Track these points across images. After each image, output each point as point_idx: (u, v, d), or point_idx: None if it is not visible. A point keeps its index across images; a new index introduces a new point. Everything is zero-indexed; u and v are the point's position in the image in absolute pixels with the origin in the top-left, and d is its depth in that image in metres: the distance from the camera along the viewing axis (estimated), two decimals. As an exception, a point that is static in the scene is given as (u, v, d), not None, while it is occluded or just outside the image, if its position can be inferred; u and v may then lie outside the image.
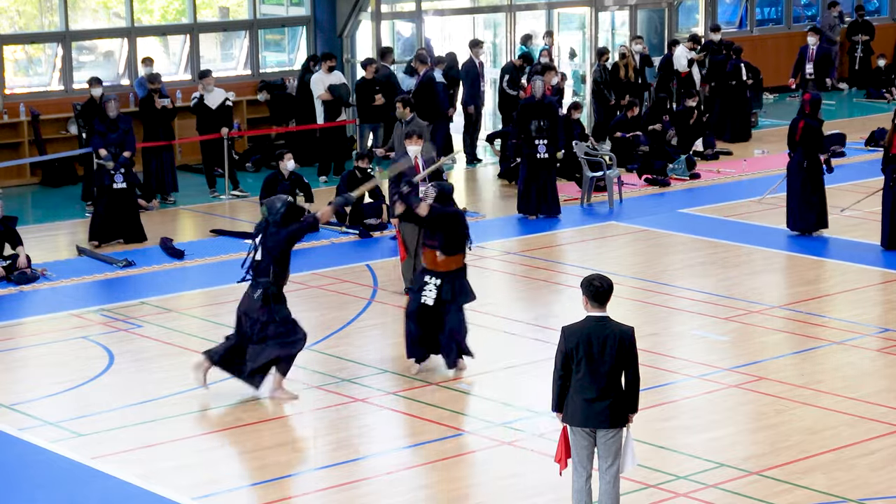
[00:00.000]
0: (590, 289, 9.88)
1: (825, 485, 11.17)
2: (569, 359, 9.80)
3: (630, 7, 28.64)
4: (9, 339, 15.42)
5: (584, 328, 9.83)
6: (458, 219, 14.01)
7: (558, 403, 9.91)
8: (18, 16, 24.69)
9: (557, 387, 9.87)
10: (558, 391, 9.88)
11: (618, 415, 9.84)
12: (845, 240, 19.15)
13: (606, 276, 10.00)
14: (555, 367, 9.89)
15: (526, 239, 19.65)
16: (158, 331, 15.39)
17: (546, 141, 20.46)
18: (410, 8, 26.47)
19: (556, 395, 9.90)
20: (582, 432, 9.87)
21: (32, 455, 12.03)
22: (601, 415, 9.82)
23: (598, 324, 9.83)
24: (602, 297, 9.86)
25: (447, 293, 13.80)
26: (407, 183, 14.41)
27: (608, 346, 9.78)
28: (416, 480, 11.53)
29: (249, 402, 13.24)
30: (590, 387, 9.78)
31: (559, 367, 9.85)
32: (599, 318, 9.86)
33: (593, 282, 9.90)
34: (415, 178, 14.95)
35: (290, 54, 26.67)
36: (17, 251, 17.61)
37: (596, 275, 10.00)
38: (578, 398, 9.81)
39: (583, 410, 9.80)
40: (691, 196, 22.21)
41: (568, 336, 9.83)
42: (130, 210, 19.44)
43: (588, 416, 9.82)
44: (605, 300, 9.89)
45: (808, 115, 19.13)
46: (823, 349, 14.72)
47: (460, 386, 13.61)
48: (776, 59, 30.62)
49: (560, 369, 9.84)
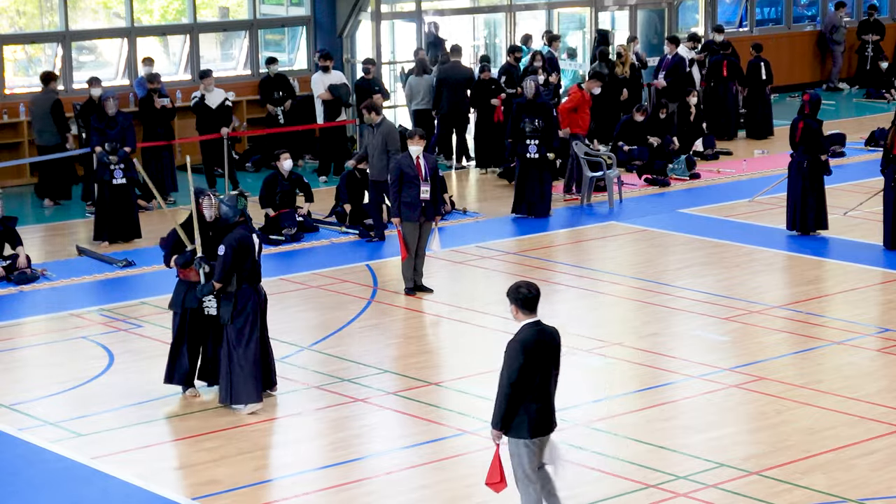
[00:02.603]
0: (518, 296, 9.72)
1: (825, 485, 11.17)
2: (525, 371, 9.59)
3: (630, 7, 28.64)
4: (9, 339, 15.42)
5: (533, 337, 9.68)
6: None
7: (504, 420, 9.65)
8: (18, 16, 24.68)
9: (507, 403, 9.60)
10: (507, 407, 9.61)
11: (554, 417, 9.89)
12: (845, 240, 19.15)
13: (531, 282, 9.87)
14: (506, 382, 9.59)
15: (525, 239, 19.66)
16: (158, 331, 15.39)
17: (537, 141, 20.44)
18: (410, 8, 26.48)
19: (504, 412, 9.63)
20: (538, 442, 9.77)
21: (32, 455, 12.03)
22: (552, 418, 9.84)
23: (539, 329, 9.74)
24: (532, 303, 9.73)
25: None
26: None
27: (553, 350, 9.77)
28: (416, 480, 11.53)
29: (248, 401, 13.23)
30: (544, 393, 9.73)
31: (514, 381, 9.57)
32: (537, 323, 9.76)
33: (520, 289, 9.74)
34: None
35: (290, 54, 26.66)
36: (17, 251, 17.61)
37: (523, 282, 9.85)
38: (535, 408, 9.68)
39: (542, 419, 9.73)
40: (691, 196, 22.21)
41: (526, 347, 9.61)
42: (128, 207, 19.44)
43: (547, 424, 9.78)
44: (535, 306, 9.74)
45: (807, 115, 19.14)
46: (823, 349, 14.72)
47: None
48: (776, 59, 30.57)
49: (516, 384, 9.58)
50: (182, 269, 13.23)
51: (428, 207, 16.51)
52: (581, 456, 11.83)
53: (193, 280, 13.15)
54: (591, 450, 11.98)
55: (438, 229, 16.96)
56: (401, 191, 16.43)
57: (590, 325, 15.67)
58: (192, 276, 13.17)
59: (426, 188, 16.40)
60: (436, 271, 17.99)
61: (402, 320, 15.99)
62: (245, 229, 12.87)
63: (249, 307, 12.82)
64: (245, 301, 12.81)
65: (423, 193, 16.41)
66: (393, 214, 16.67)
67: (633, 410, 12.98)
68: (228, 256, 12.65)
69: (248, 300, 12.82)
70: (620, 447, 12.07)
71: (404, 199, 16.44)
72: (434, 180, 16.53)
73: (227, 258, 12.65)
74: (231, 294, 12.81)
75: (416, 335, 15.58)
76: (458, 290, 17.13)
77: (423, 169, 16.39)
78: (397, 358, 14.54)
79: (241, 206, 12.92)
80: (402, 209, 16.45)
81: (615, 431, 12.43)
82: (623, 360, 14.41)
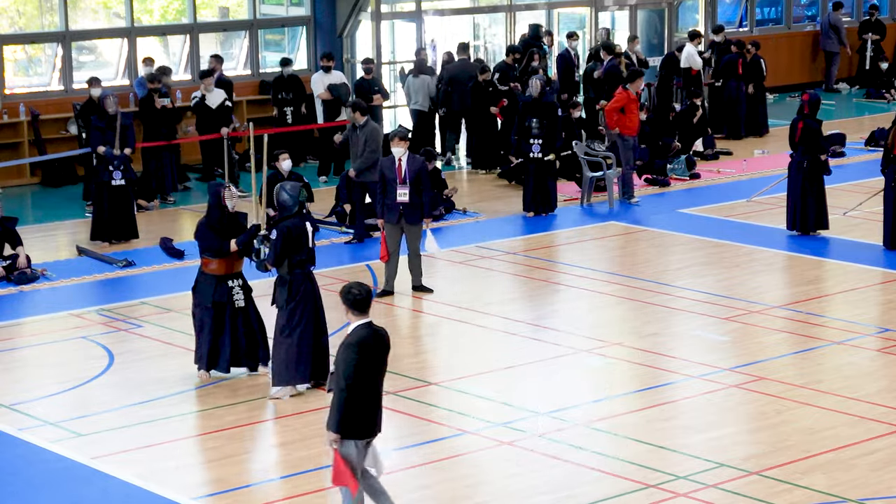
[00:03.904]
0: (349, 297, 9.74)
1: (825, 485, 11.17)
2: (359, 371, 9.60)
3: (630, 7, 28.64)
4: (9, 339, 15.42)
5: (366, 337, 9.70)
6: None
7: (342, 423, 9.61)
8: (18, 16, 24.69)
9: (345, 405, 9.57)
10: (344, 409, 9.58)
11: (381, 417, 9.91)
12: (845, 240, 19.15)
13: (362, 283, 9.90)
14: (342, 383, 9.57)
15: (526, 239, 19.66)
16: (158, 331, 15.39)
17: (541, 141, 20.46)
18: (410, 8, 26.48)
19: (342, 414, 9.59)
20: (364, 444, 9.80)
21: (32, 455, 12.03)
22: (380, 419, 9.88)
23: (371, 330, 9.77)
24: (362, 304, 9.74)
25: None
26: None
27: (384, 351, 9.83)
28: (416, 480, 11.53)
29: (249, 402, 13.25)
30: (376, 394, 9.78)
31: (351, 382, 9.56)
32: (368, 324, 9.79)
33: (352, 290, 9.76)
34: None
35: (290, 54, 26.65)
36: (17, 251, 17.61)
37: (354, 283, 9.88)
38: (368, 408, 9.73)
39: (373, 419, 9.78)
40: (691, 196, 22.21)
41: (358, 348, 9.62)
42: (127, 207, 19.44)
43: (376, 424, 9.83)
44: (367, 307, 9.76)
45: (806, 115, 19.14)
46: (823, 349, 14.72)
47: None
48: (776, 58, 30.61)
49: (352, 385, 9.57)
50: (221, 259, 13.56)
51: (408, 210, 16.29)
52: (581, 456, 11.84)
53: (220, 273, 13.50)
54: (591, 450, 11.98)
55: (431, 231, 16.78)
56: (384, 193, 16.39)
57: (590, 325, 15.67)
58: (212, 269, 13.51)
59: (404, 191, 16.20)
60: (436, 271, 18.00)
61: (402, 320, 15.99)
62: (300, 219, 13.24)
63: (301, 294, 13.19)
64: (297, 287, 13.21)
65: (401, 196, 16.23)
66: (378, 216, 16.66)
67: (633, 410, 12.97)
68: (279, 241, 13.09)
69: (300, 287, 13.21)
70: (620, 447, 12.07)
71: (386, 201, 16.40)
72: (418, 183, 16.27)
73: (277, 243, 13.10)
74: (286, 280, 13.21)
75: (416, 335, 15.58)
76: (458, 290, 17.13)
77: (403, 172, 16.25)
78: (397, 358, 14.53)
79: (303, 197, 13.38)
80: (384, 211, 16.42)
81: (615, 431, 12.43)
82: (623, 360, 14.41)
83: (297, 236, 13.16)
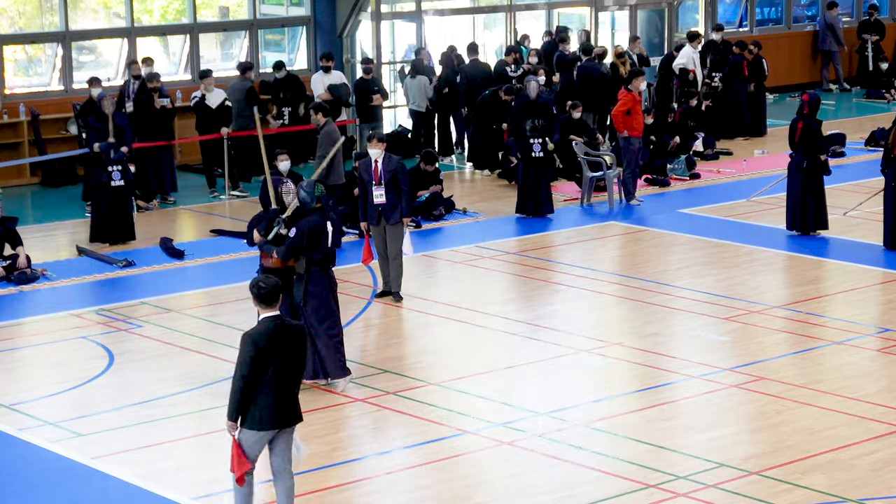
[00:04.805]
0: (255, 291, 9.90)
1: (825, 485, 11.17)
2: (256, 363, 9.74)
3: (630, 7, 28.65)
4: (9, 339, 15.42)
5: (268, 330, 9.83)
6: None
7: (238, 411, 9.81)
8: (18, 16, 24.69)
9: (240, 394, 9.77)
10: (240, 398, 9.78)
11: (296, 412, 10.03)
12: (845, 240, 19.15)
13: (270, 276, 10.04)
14: (238, 374, 9.77)
15: (525, 239, 19.66)
16: (158, 331, 15.39)
17: (541, 140, 20.47)
18: (410, 8, 26.49)
19: (238, 403, 9.79)
20: (265, 435, 9.92)
21: (32, 455, 12.03)
22: (289, 413, 9.95)
23: (276, 324, 9.88)
24: (268, 297, 9.88)
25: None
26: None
27: (289, 346, 9.88)
28: (416, 480, 11.53)
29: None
30: (279, 387, 9.84)
31: (246, 372, 9.73)
32: (275, 317, 9.91)
33: (259, 283, 9.92)
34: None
35: (290, 54, 26.66)
36: (17, 251, 17.61)
37: (262, 276, 10.06)
38: (267, 401, 9.82)
39: (274, 412, 9.85)
40: (691, 196, 22.21)
41: (256, 339, 9.78)
42: (125, 208, 19.42)
43: (280, 417, 9.89)
44: (274, 300, 9.89)
45: (806, 115, 19.14)
46: (823, 349, 14.72)
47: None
48: (776, 58, 30.61)
49: (247, 375, 9.74)
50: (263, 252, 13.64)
51: (387, 212, 16.12)
52: (581, 456, 11.84)
53: (272, 266, 13.50)
54: (591, 450, 11.98)
55: (410, 233, 16.64)
56: (365, 195, 16.32)
57: (590, 325, 15.67)
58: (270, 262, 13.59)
59: (379, 192, 16.04)
60: (436, 271, 18.01)
61: (402, 320, 15.99)
62: (320, 216, 13.36)
63: (323, 289, 13.35)
64: (318, 284, 13.36)
65: (377, 197, 16.10)
66: (360, 218, 16.56)
67: (633, 410, 12.97)
68: (298, 238, 13.20)
69: (320, 283, 13.36)
70: (620, 447, 12.07)
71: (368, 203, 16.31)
72: (395, 184, 16.05)
73: (296, 240, 13.22)
74: (301, 276, 13.33)
75: (416, 335, 15.58)
76: (458, 290, 17.12)
77: (379, 173, 16.15)
78: (397, 358, 14.54)
79: (319, 192, 13.50)
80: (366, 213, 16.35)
81: (615, 431, 12.43)
82: (623, 360, 14.41)
83: (316, 234, 13.24)
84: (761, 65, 27.10)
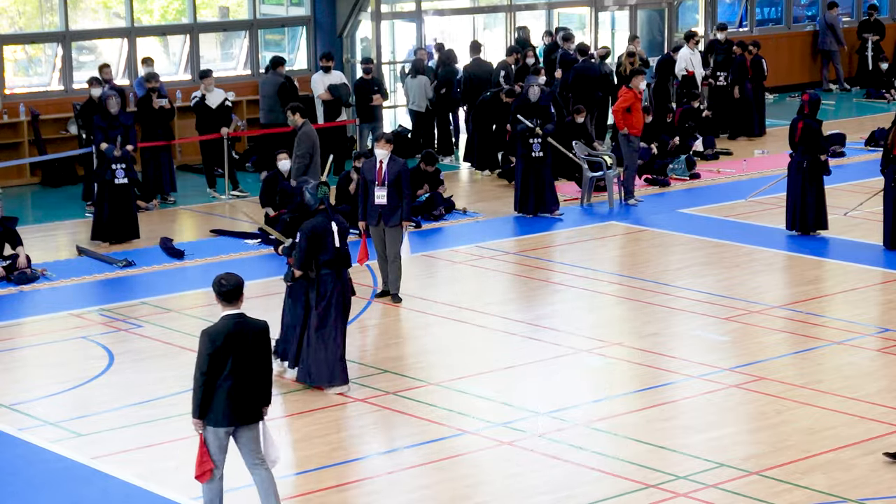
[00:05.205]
0: (217, 288, 9.96)
1: (825, 485, 11.17)
2: (215, 360, 9.81)
3: (630, 7, 28.64)
4: (9, 339, 15.42)
5: (226, 327, 9.88)
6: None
7: (201, 409, 9.88)
8: (18, 16, 24.69)
9: (202, 391, 9.85)
10: (202, 395, 9.86)
11: (257, 409, 10.05)
12: (845, 240, 19.15)
13: (234, 274, 10.06)
14: (198, 371, 9.86)
15: (525, 239, 19.65)
16: (158, 331, 15.39)
17: (540, 140, 20.47)
18: (410, 8, 26.49)
19: (199, 400, 9.87)
20: (223, 432, 9.98)
21: (32, 455, 12.03)
22: (247, 411, 9.97)
23: (236, 322, 9.91)
24: (230, 295, 9.93)
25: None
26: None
27: (250, 343, 9.90)
28: (416, 480, 11.53)
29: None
30: (235, 385, 9.88)
31: (204, 370, 9.82)
32: (236, 315, 9.94)
33: (221, 280, 9.96)
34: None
35: (290, 54, 26.66)
36: (17, 251, 17.61)
37: (224, 274, 10.06)
38: (223, 398, 9.88)
39: (230, 409, 9.90)
40: (691, 196, 22.20)
41: (213, 337, 9.85)
42: (128, 207, 19.42)
43: (234, 415, 9.93)
44: (235, 298, 9.93)
45: (807, 115, 19.14)
46: (823, 349, 14.72)
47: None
48: (776, 58, 30.61)
49: (205, 372, 9.83)
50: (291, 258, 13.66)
51: (387, 213, 16.06)
52: (581, 456, 11.84)
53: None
54: (591, 450, 11.98)
55: (409, 234, 16.62)
56: (365, 195, 16.29)
57: (590, 325, 15.67)
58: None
59: (381, 193, 15.98)
60: (436, 271, 18.02)
61: (402, 320, 15.99)
62: (325, 217, 13.31)
63: (330, 293, 13.26)
64: (326, 287, 13.28)
65: (378, 198, 16.05)
66: (359, 218, 16.53)
67: (633, 410, 12.98)
68: (304, 243, 13.16)
69: (329, 286, 13.27)
70: (620, 447, 12.07)
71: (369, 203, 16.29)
72: (398, 186, 16.00)
73: (301, 245, 13.18)
74: (314, 280, 13.29)
75: (416, 335, 15.58)
76: (458, 290, 17.12)
77: (383, 174, 16.06)
78: (397, 358, 14.54)
79: (322, 194, 13.43)
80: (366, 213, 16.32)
81: (615, 431, 12.43)
82: (623, 360, 14.41)
83: (321, 235, 13.22)
84: (761, 65, 27.11)
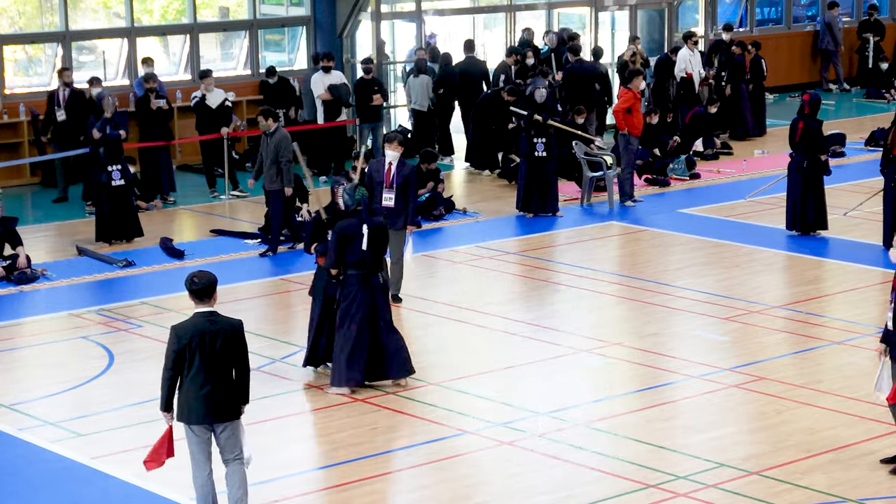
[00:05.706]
0: (189, 285, 9.99)
1: (825, 485, 11.18)
2: (181, 356, 9.90)
3: (630, 7, 28.64)
4: (9, 339, 15.42)
5: (195, 324, 9.93)
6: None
7: (168, 403, 10.02)
8: (18, 16, 24.69)
9: (167, 386, 9.98)
10: (168, 390, 9.99)
11: (234, 407, 10.06)
12: (845, 240, 19.15)
13: (207, 272, 10.09)
14: (165, 366, 9.98)
15: (525, 239, 19.66)
16: (158, 331, 15.38)
17: (544, 140, 20.50)
18: (410, 8, 26.49)
19: (167, 394, 10.01)
20: (200, 429, 10.02)
21: (32, 455, 12.03)
22: (219, 409, 10.00)
23: (207, 319, 9.94)
24: (201, 293, 9.97)
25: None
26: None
27: (220, 341, 9.92)
28: (416, 480, 11.53)
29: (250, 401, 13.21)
30: (205, 382, 9.92)
31: (170, 365, 9.95)
32: (207, 313, 9.97)
33: (193, 278, 10.01)
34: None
35: (290, 54, 26.66)
36: (17, 251, 17.61)
37: (197, 271, 10.10)
38: (194, 395, 9.94)
39: (201, 407, 9.95)
40: (691, 196, 22.21)
41: (180, 333, 9.93)
42: (128, 206, 19.42)
43: (206, 412, 9.97)
44: (207, 295, 9.97)
45: (807, 115, 19.14)
46: (823, 349, 14.73)
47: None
48: (776, 58, 30.61)
49: (171, 368, 9.95)
50: (320, 256, 13.71)
51: (392, 216, 15.79)
52: (581, 456, 11.84)
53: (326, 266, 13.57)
54: (591, 450, 11.98)
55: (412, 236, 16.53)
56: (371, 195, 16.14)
57: (590, 325, 15.67)
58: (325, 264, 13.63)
59: (389, 195, 15.84)
60: (436, 271, 18.02)
61: (403, 320, 15.97)
62: (357, 219, 13.37)
63: (353, 293, 13.25)
64: (350, 287, 13.30)
65: (386, 201, 15.88)
66: None
67: (633, 410, 12.98)
68: (334, 242, 13.25)
69: (353, 286, 13.28)
70: (620, 447, 12.07)
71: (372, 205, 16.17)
72: (405, 189, 15.87)
73: (332, 244, 13.27)
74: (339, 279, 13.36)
75: (417, 335, 15.57)
76: (459, 290, 17.12)
77: (392, 176, 15.90)
78: (397, 358, 14.53)
79: (359, 195, 13.52)
80: None
81: (615, 431, 12.43)
82: (623, 360, 14.41)
83: (350, 236, 13.23)
84: (760, 65, 27.11)
